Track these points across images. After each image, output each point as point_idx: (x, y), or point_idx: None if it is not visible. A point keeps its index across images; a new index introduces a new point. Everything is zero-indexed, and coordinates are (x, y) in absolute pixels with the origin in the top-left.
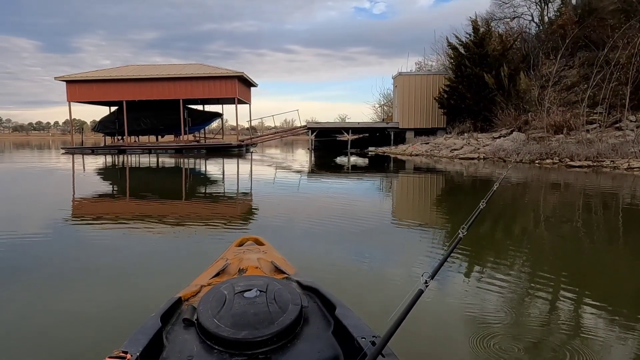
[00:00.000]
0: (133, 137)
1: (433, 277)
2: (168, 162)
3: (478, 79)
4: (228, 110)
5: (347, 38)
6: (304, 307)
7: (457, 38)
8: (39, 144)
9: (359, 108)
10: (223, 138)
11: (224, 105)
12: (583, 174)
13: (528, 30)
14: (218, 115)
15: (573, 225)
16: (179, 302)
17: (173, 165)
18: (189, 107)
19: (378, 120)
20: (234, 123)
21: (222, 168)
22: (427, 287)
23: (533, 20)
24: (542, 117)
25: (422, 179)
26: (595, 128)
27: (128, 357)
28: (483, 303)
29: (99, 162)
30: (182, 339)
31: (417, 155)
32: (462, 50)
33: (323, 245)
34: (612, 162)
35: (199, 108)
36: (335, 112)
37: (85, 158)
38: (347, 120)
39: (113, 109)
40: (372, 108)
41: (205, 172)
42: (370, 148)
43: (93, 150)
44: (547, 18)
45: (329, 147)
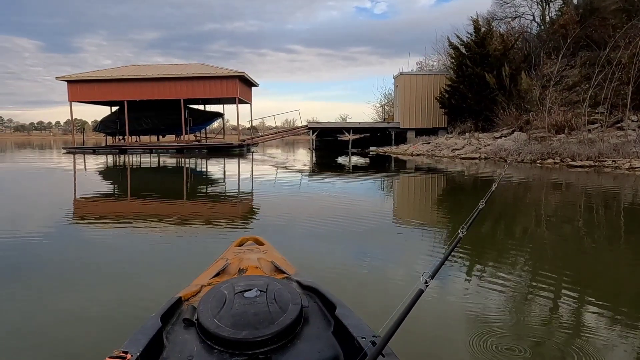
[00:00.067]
0: (134, 137)
1: (433, 276)
2: (169, 162)
3: (479, 79)
4: (229, 110)
5: (348, 38)
6: (304, 307)
7: (458, 38)
8: (41, 144)
9: (360, 108)
10: (224, 138)
11: (225, 105)
12: (584, 174)
13: (529, 30)
14: (219, 115)
15: (574, 225)
16: (179, 302)
17: (174, 165)
18: (190, 107)
19: (379, 120)
20: (235, 123)
21: (223, 168)
22: (427, 286)
23: (534, 20)
24: (543, 117)
25: (423, 179)
26: (597, 128)
27: (128, 357)
28: (484, 303)
29: (100, 162)
30: (182, 339)
31: (418, 155)
32: (463, 50)
33: (324, 245)
34: (613, 162)
35: (200, 108)
36: (337, 112)
37: (87, 158)
38: (348, 120)
39: (114, 109)
40: (373, 108)
41: (207, 172)
42: (372, 148)
43: (94, 150)
44: (548, 18)
45: (330, 147)
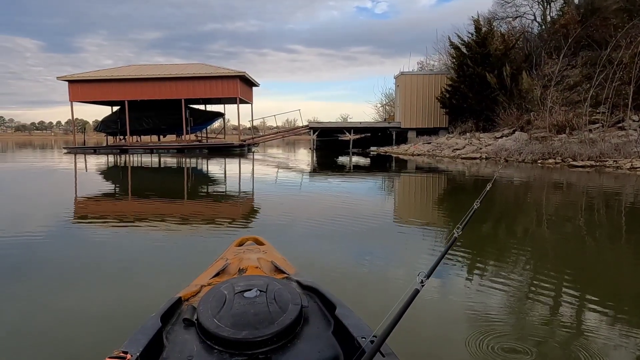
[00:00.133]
0: (135, 136)
1: (429, 276)
2: (170, 161)
3: (480, 79)
4: (230, 110)
5: (348, 38)
6: (304, 307)
7: (459, 37)
8: (42, 144)
9: (361, 108)
10: (225, 138)
11: (226, 105)
12: (585, 174)
13: (530, 30)
14: (220, 115)
15: (575, 225)
16: (179, 302)
17: (175, 165)
18: (191, 106)
19: (380, 120)
20: (236, 123)
21: (224, 168)
22: (423, 286)
23: (535, 20)
24: (544, 116)
25: (424, 179)
26: (598, 128)
27: (128, 357)
28: (485, 302)
29: (101, 161)
30: (182, 339)
31: (419, 155)
32: (464, 50)
33: (325, 245)
34: (614, 162)
35: (201, 108)
36: (337, 111)
37: (88, 158)
38: (349, 120)
39: (115, 109)
40: (374, 108)
41: (207, 171)
42: (372, 148)
43: (95, 150)
44: (549, 17)
45: (331, 146)
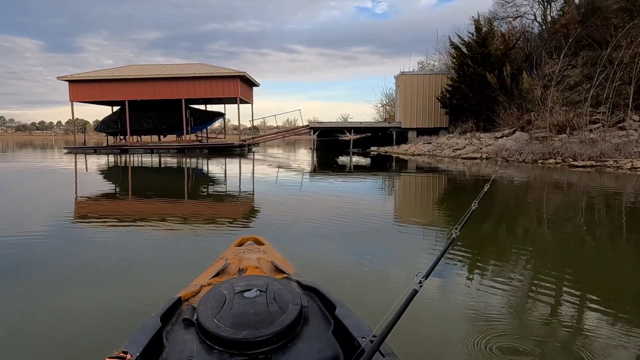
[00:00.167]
0: (135, 136)
1: (427, 277)
2: (170, 161)
3: (480, 79)
4: (230, 110)
5: (349, 38)
6: (304, 307)
7: (459, 37)
8: (42, 144)
9: (361, 108)
10: (225, 138)
11: (226, 105)
12: (586, 174)
13: (531, 30)
14: (220, 115)
15: (576, 225)
16: (179, 302)
17: (175, 165)
18: (191, 106)
19: (380, 120)
20: (236, 123)
21: (224, 168)
22: (421, 287)
23: (536, 20)
24: (544, 116)
25: (424, 179)
26: (599, 128)
27: (128, 357)
28: (485, 302)
29: (102, 161)
30: (182, 339)
31: (419, 155)
32: (464, 50)
33: (325, 245)
34: (615, 162)
35: (201, 108)
36: (338, 111)
37: (88, 158)
38: (349, 120)
39: (115, 109)
40: (374, 108)
41: (208, 172)
42: (373, 148)
43: (95, 150)
44: (550, 17)
45: (331, 146)
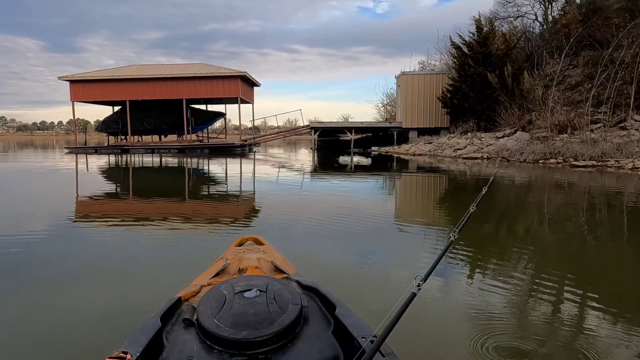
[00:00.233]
0: (136, 136)
1: (426, 279)
2: (171, 161)
3: (481, 79)
4: (231, 110)
5: (350, 37)
6: (304, 307)
7: (460, 37)
8: (43, 144)
9: (362, 108)
10: (226, 138)
11: (227, 105)
12: (587, 174)
13: (532, 30)
14: (221, 115)
15: (577, 225)
16: (179, 302)
17: (176, 165)
18: (192, 106)
19: (381, 120)
20: (237, 123)
21: (225, 168)
22: (419, 289)
23: (537, 20)
24: (546, 116)
25: (425, 179)
26: (600, 127)
27: (128, 357)
28: (485, 302)
29: (102, 161)
30: (182, 339)
31: (420, 155)
32: (465, 50)
33: (326, 245)
34: (616, 161)
35: (202, 108)
36: (338, 111)
37: (89, 158)
38: (350, 120)
39: (116, 109)
40: (375, 108)
41: (208, 171)
42: (373, 148)
43: (96, 150)
44: (551, 17)
45: (332, 146)
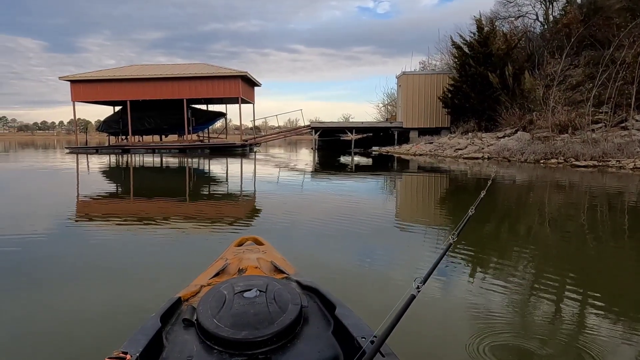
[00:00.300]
0: (137, 136)
1: (425, 282)
2: (172, 161)
3: (482, 79)
4: (232, 110)
5: (350, 37)
6: (304, 307)
7: (461, 37)
8: (44, 144)
9: (363, 108)
10: (227, 138)
11: (228, 105)
12: (588, 174)
13: (533, 29)
14: (222, 115)
15: (578, 225)
16: (179, 302)
17: (177, 165)
18: (193, 106)
19: (382, 120)
20: (238, 123)
21: (225, 168)
22: (419, 292)
23: (538, 19)
24: (547, 116)
25: (426, 179)
26: (601, 127)
27: (128, 357)
28: (486, 302)
29: (103, 161)
30: (182, 339)
31: (421, 155)
32: (466, 50)
33: (326, 245)
34: (617, 162)
35: (203, 108)
36: (339, 111)
37: (90, 158)
38: (350, 120)
39: (117, 109)
40: (375, 108)
41: (209, 172)
42: (374, 148)
43: (97, 150)
44: (551, 17)
45: (333, 146)
